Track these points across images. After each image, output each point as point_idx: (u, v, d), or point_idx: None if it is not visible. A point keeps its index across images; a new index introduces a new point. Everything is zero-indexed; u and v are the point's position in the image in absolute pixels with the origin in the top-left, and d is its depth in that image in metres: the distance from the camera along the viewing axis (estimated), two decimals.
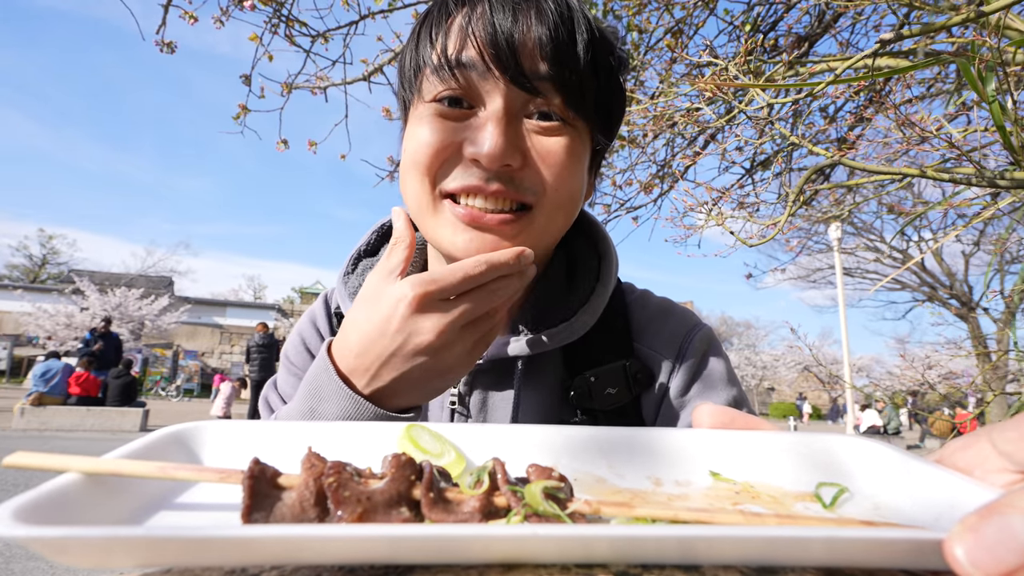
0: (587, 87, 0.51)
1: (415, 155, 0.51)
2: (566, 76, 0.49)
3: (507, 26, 0.48)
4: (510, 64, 0.48)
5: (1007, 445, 0.23)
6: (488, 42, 0.48)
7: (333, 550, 0.19)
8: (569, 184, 0.52)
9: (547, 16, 0.49)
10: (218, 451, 0.31)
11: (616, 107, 0.57)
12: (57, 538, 0.18)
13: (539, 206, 0.52)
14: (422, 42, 0.52)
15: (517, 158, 0.50)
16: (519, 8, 0.49)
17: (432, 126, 0.50)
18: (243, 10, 2.26)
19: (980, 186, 1.47)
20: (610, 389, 0.58)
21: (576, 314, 0.59)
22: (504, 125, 0.48)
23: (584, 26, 0.51)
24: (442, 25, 0.51)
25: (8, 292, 20.25)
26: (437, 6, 0.53)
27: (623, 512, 0.23)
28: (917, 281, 14.22)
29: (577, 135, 0.53)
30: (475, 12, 0.49)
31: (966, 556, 0.17)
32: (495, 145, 0.48)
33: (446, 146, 0.50)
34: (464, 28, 0.49)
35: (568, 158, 0.51)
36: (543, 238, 0.54)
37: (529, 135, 0.51)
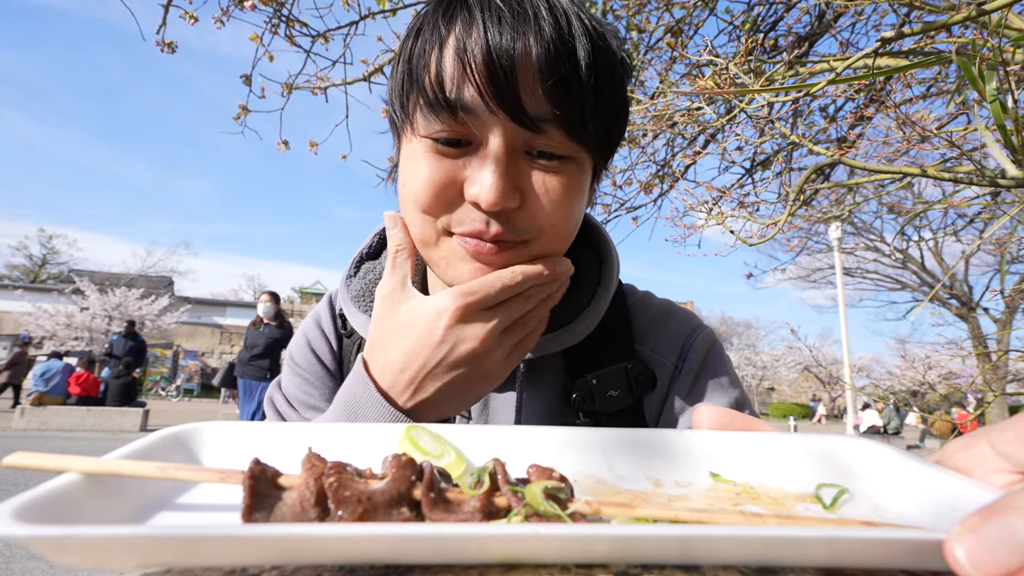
0: (589, 119, 0.49)
1: (415, 194, 0.50)
2: (567, 111, 0.47)
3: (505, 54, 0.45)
4: (510, 102, 0.45)
5: (1006, 446, 0.23)
6: (487, 78, 0.45)
7: (334, 549, 0.19)
8: (566, 219, 0.51)
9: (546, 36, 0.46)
10: (218, 452, 0.31)
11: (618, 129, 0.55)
12: (57, 537, 0.18)
13: (538, 240, 0.51)
14: (415, 65, 0.49)
15: (516, 199, 0.48)
16: (516, 32, 0.45)
17: (431, 164, 0.49)
18: (243, 10, 2.26)
19: (980, 185, 1.47)
20: (612, 391, 0.58)
21: (577, 318, 0.59)
22: (504, 167, 0.47)
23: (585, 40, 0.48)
24: (435, 48, 0.48)
25: (8, 292, 20.26)
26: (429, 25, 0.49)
27: (623, 512, 0.23)
28: (917, 281, 14.22)
29: (579, 167, 0.51)
30: (470, 35, 0.46)
31: (967, 557, 0.17)
32: (494, 191, 0.46)
33: (447, 186, 0.49)
34: (460, 56, 0.46)
35: (567, 196, 0.50)
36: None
37: (529, 171, 0.49)
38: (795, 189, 2.20)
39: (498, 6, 0.46)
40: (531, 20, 0.46)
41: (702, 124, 2.45)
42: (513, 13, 0.46)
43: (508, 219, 0.49)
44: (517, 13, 0.46)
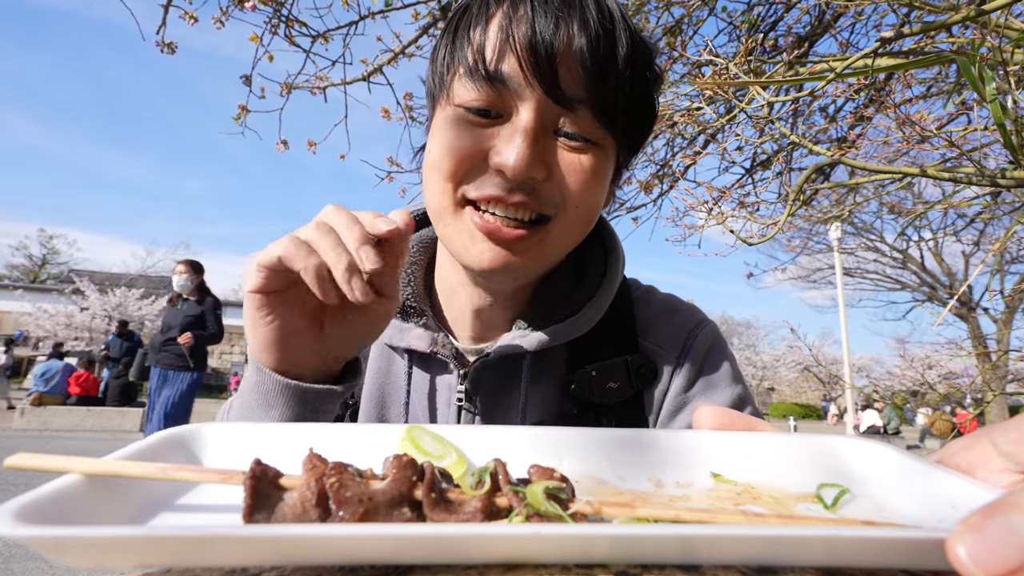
0: (620, 108, 0.50)
1: (439, 160, 0.51)
2: (601, 94, 0.48)
3: (548, 34, 0.46)
4: (547, 77, 0.47)
5: (1008, 446, 0.23)
6: (528, 51, 0.46)
7: (335, 549, 0.19)
8: (590, 201, 0.52)
9: (590, 26, 0.47)
10: (219, 453, 0.31)
11: (646, 126, 0.56)
12: (58, 537, 0.18)
13: (558, 220, 0.52)
14: (459, 39, 0.51)
15: (542, 171, 0.49)
16: (562, 15, 0.47)
17: (458, 131, 0.50)
18: (243, 10, 2.26)
19: (980, 185, 1.47)
20: (611, 383, 0.59)
21: (582, 310, 0.60)
22: (532, 138, 0.48)
23: (626, 39, 0.49)
24: (480, 22, 0.49)
25: (8, 292, 20.25)
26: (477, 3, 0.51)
27: (625, 513, 0.23)
28: (917, 281, 14.22)
29: (604, 153, 0.52)
30: (516, 13, 0.48)
31: (969, 555, 0.17)
32: (521, 158, 0.47)
33: (471, 154, 0.50)
34: (504, 30, 0.48)
35: (592, 176, 0.51)
36: (557, 250, 0.55)
37: (557, 149, 0.50)
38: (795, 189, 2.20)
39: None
40: (577, 8, 0.48)
41: (702, 124, 2.45)
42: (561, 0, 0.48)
43: (534, 189, 0.50)
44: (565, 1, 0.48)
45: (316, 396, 0.48)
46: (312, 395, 0.47)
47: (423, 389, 0.63)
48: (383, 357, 0.66)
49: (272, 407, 0.48)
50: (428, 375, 0.63)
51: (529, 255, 0.52)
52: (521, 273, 0.54)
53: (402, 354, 0.63)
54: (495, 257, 0.51)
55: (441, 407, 0.62)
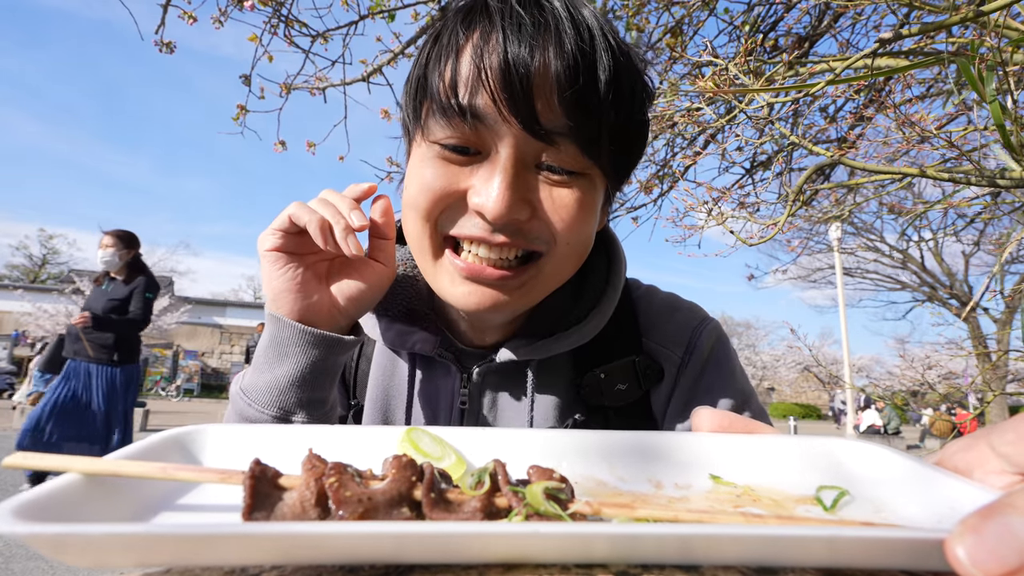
0: (605, 136, 0.47)
1: (416, 199, 0.50)
2: (582, 125, 0.45)
3: (522, 65, 0.43)
4: (524, 112, 0.44)
5: (1006, 447, 0.23)
6: (502, 85, 0.44)
7: (334, 548, 0.19)
8: (580, 234, 0.50)
9: (567, 51, 0.44)
10: (218, 454, 0.31)
11: (635, 151, 0.54)
12: (58, 535, 0.18)
13: (549, 256, 0.50)
14: (431, 70, 0.48)
15: (525, 211, 0.47)
16: (536, 42, 0.44)
17: (435, 170, 0.48)
18: (242, 10, 2.26)
19: (980, 185, 1.47)
20: (620, 385, 0.58)
21: (587, 317, 0.59)
22: (512, 178, 0.46)
23: (607, 61, 0.46)
24: (451, 54, 0.47)
25: (8, 292, 20.26)
26: (448, 30, 0.48)
27: (624, 513, 0.23)
28: (917, 281, 14.22)
29: (591, 183, 0.50)
30: (488, 43, 0.45)
31: (967, 556, 0.17)
32: (501, 201, 0.45)
33: (449, 193, 0.48)
34: (475, 62, 0.45)
35: (579, 210, 0.49)
36: (549, 286, 0.54)
37: (540, 185, 0.48)
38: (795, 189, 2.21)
39: (519, 15, 0.45)
40: (552, 32, 0.45)
41: (702, 124, 2.45)
42: (535, 23, 0.45)
43: (519, 229, 0.48)
44: (539, 23, 0.45)
45: (326, 342, 0.52)
46: (323, 341, 0.52)
47: (427, 392, 0.62)
48: (387, 360, 0.65)
49: (287, 356, 0.52)
50: (431, 378, 0.63)
51: (519, 292, 0.51)
52: (511, 310, 0.53)
53: (406, 357, 0.63)
54: (481, 298, 0.50)
55: (443, 410, 0.61)
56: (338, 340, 0.52)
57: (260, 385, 0.52)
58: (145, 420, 8.68)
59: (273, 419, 0.52)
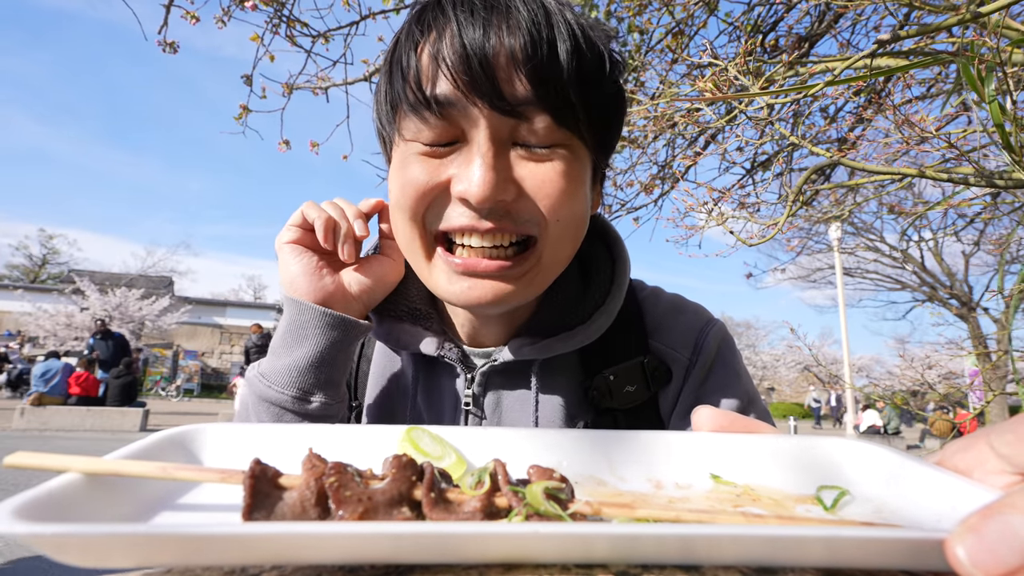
0: (575, 101, 0.47)
1: (400, 198, 0.50)
2: (550, 94, 0.45)
3: (478, 46, 0.44)
4: (487, 90, 0.44)
5: (1005, 447, 0.23)
6: (461, 68, 0.44)
7: (334, 548, 0.19)
8: (571, 210, 0.49)
9: (521, 26, 0.44)
10: (218, 453, 0.31)
11: (613, 114, 0.53)
12: (58, 535, 0.18)
13: (543, 237, 0.49)
14: (395, 76, 0.49)
15: (510, 191, 0.47)
16: (489, 23, 0.45)
17: (415, 166, 0.48)
18: (244, 10, 2.27)
19: (979, 186, 1.47)
20: (628, 387, 0.58)
21: (592, 317, 0.59)
22: (491, 159, 0.45)
23: (565, 31, 0.46)
24: (412, 55, 0.47)
25: (8, 292, 20.26)
26: (404, 34, 0.49)
27: (624, 513, 0.23)
28: (917, 281, 14.21)
29: (572, 155, 0.49)
30: (444, 35, 0.45)
31: (968, 556, 0.17)
32: (483, 182, 0.44)
33: (432, 187, 0.48)
34: (433, 54, 0.45)
35: (566, 184, 0.48)
36: (552, 271, 0.53)
37: (521, 163, 0.47)
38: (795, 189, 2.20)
39: (471, 1, 0.46)
40: (503, 12, 0.45)
41: (702, 125, 2.45)
42: (486, 7, 0.46)
43: (507, 212, 0.48)
44: (490, 7, 0.46)
45: (343, 324, 0.56)
46: (342, 322, 0.56)
47: (430, 393, 0.62)
48: (388, 361, 0.65)
49: (306, 338, 0.55)
50: (434, 379, 0.62)
51: (522, 282, 0.51)
52: (515, 301, 0.52)
53: (408, 358, 0.63)
54: (482, 292, 0.49)
55: (447, 411, 0.61)
56: (355, 323, 0.57)
57: (279, 368, 0.55)
58: (145, 420, 8.68)
59: (293, 399, 0.54)
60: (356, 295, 0.58)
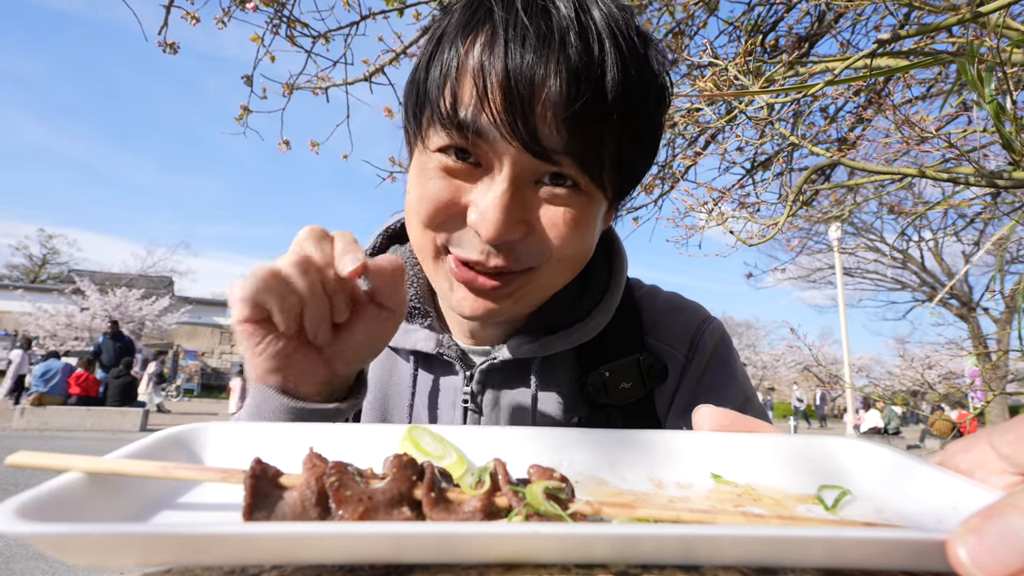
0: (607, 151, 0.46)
1: (418, 208, 0.49)
2: (583, 145, 0.44)
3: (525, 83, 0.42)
4: (524, 132, 0.43)
5: (1006, 448, 0.23)
6: (503, 105, 0.42)
7: (335, 548, 0.19)
8: (576, 248, 0.50)
9: (572, 63, 0.42)
10: (219, 452, 0.31)
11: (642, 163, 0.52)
12: (59, 535, 0.18)
13: (542, 269, 0.50)
14: (431, 79, 0.47)
15: (519, 231, 0.47)
16: (539, 54, 0.42)
17: (436, 180, 0.48)
18: (244, 11, 2.27)
19: (979, 186, 1.47)
20: (624, 384, 0.58)
21: (589, 315, 0.59)
22: (507, 200, 0.45)
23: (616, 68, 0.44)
24: (452, 65, 0.45)
25: (8, 292, 20.26)
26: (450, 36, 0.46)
27: (625, 513, 0.23)
28: (917, 281, 14.21)
29: (589, 199, 0.49)
30: (490, 56, 0.43)
31: (969, 557, 0.17)
32: (496, 222, 0.44)
33: (449, 205, 0.48)
34: (477, 79, 0.43)
35: (576, 226, 0.48)
36: (543, 294, 0.54)
37: (537, 202, 0.47)
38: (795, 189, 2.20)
39: (524, 25, 0.43)
40: (556, 44, 0.43)
41: (702, 125, 2.45)
42: (539, 35, 0.43)
43: (512, 249, 0.48)
44: (543, 35, 0.43)
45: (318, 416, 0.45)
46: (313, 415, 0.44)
47: (428, 391, 0.62)
48: (387, 358, 0.65)
49: None
50: (433, 376, 0.62)
51: (510, 302, 0.51)
52: (504, 316, 0.52)
53: (407, 356, 0.63)
54: (475, 305, 0.50)
55: (446, 409, 0.61)
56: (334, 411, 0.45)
57: None
58: (145, 420, 8.69)
59: None
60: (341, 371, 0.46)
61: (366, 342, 0.46)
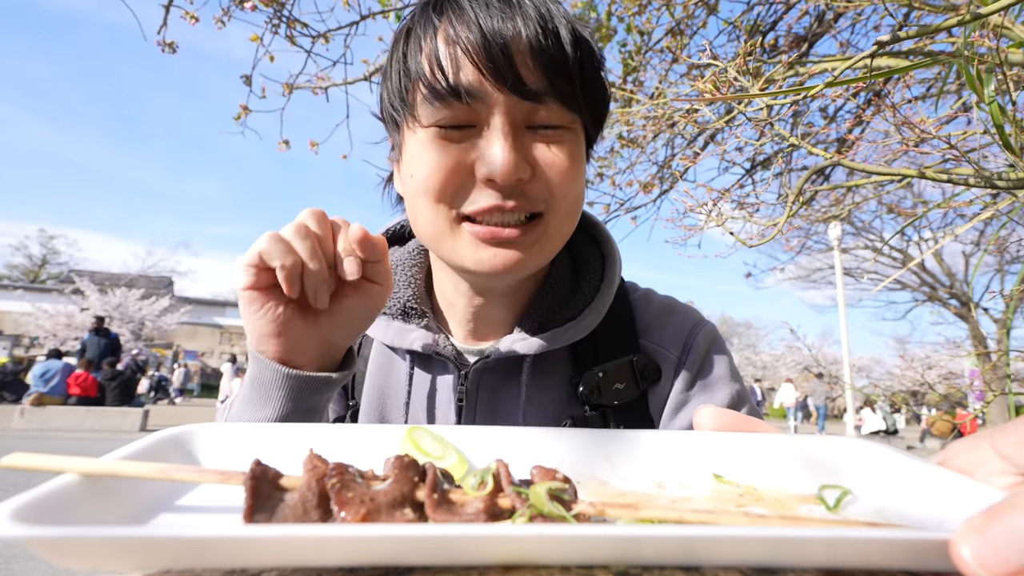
0: (579, 88, 0.51)
1: (427, 182, 0.51)
2: (561, 80, 0.50)
3: (498, 34, 0.48)
4: (509, 77, 0.48)
5: (1008, 448, 0.23)
6: (484, 56, 0.47)
7: (340, 551, 0.19)
8: (575, 190, 0.54)
9: (532, 20, 0.49)
10: (218, 453, 0.31)
11: (603, 100, 0.58)
12: (56, 538, 0.18)
13: (550, 212, 0.53)
14: (411, 60, 0.51)
15: (527, 170, 0.50)
16: (504, 12, 0.48)
17: (439, 151, 0.50)
18: (243, 10, 2.27)
19: (978, 187, 1.47)
20: (618, 384, 0.59)
21: (582, 313, 0.60)
22: (512, 140, 0.49)
23: (564, 22, 0.51)
24: (430, 39, 0.50)
25: (8, 292, 20.24)
26: (420, 23, 0.51)
27: (628, 514, 0.23)
28: (917, 281, 14.23)
29: (575, 137, 0.54)
30: (462, 24, 0.48)
31: (973, 556, 0.17)
32: (507, 161, 0.48)
33: (458, 169, 0.50)
34: (454, 41, 0.48)
35: (572, 165, 0.52)
36: (556, 242, 0.56)
37: (534, 144, 0.51)
38: (795, 190, 2.20)
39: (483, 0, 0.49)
40: (516, 6, 0.49)
41: (701, 125, 2.45)
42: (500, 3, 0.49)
43: (522, 192, 0.51)
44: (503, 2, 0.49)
45: (312, 384, 0.48)
46: (308, 383, 0.47)
47: (424, 389, 0.63)
48: (384, 358, 0.66)
49: (269, 400, 0.48)
50: (429, 375, 0.63)
51: (532, 250, 0.53)
52: (526, 269, 0.55)
53: (403, 355, 0.64)
54: (506, 259, 0.52)
55: (441, 407, 0.62)
56: (325, 380, 0.48)
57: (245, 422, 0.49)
58: (145, 420, 8.68)
59: None
60: (335, 341, 0.50)
61: (360, 312, 0.50)
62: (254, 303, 0.46)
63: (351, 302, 0.49)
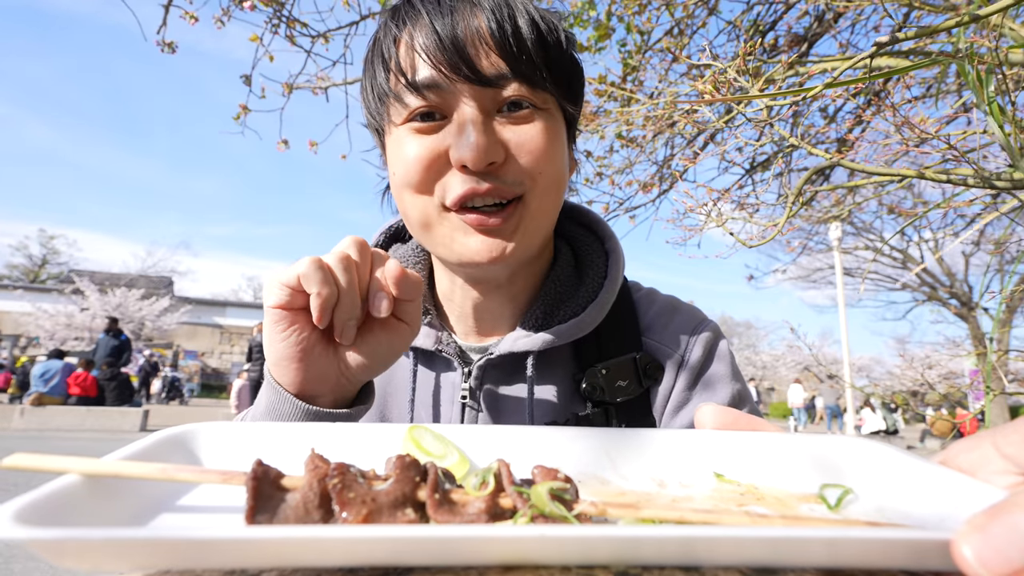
0: (542, 64, 0.53)
1: (406, 175, 0.53)
2: (519, 63, 0.51)
3: (448, 32, 0.50)
4: (463, 68, 0.49)
5: (1010, 448, 0.23)
6: (437, 53, 0.50)
7: (342, 552, 0.19)
8: (553, 167, 0.54)
9: (484, 10, 0.51)
10: (219, 453, 0.31)
11: (575, 75, 0.58)
12: (57, 540, 0.18)
13: (528, 193, 0.54)
14: (378, 71, 0.54)
15: (500, 153, 0.51)
16: (456, 10, 0.51)
17: (414, 143, 0.52)
18: (243, 10, 2.27)
19: (978, 187, 1.47)
20: (621, 382, 0.59)
21: (585, 310, 0.61)
22: (481, 125, 0.50)
23: (523, 10, 0.52)
24: (391, 49, 0.53)
25: (8, 292, 20.23)
26: (382, 33, 0.55)
27: (630, 514, 0.23)
28: (917, 281, 14.23)
29: (548, 114, 0.54)
30: (417, 28, 0.51)
31: (974, 556, 0.17)
32: (477, 145, 0.49)
33: (434, 158, 0.52)
34: (411, 46, 0.51)
35: (546, 141, 0.53)
36: (540, 221, 0.56)
37: (505, 127, 0.52)
38: (795, 190, 2.20)
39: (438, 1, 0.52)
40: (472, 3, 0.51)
41: (701, 125, 2.45)
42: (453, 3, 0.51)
43: (497, 175, 0.52)
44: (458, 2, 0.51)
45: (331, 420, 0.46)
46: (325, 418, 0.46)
47: (427, 387, 0.63)
48: None
49: None
50: (432, 373, 0.64)
51: (516, 235, 0.54)
52: (518, 256, 0.55)
53: (407, 353, 0.64)
54: (492, 247, 0.53)
55: (445, 405, 0.62)
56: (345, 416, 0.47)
57: None
58: (145, 420, 8.68)
59: None
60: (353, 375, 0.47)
61: (383, 351, 0.48)
62: (281, 322, 0.44)
63: (376, 338, 0.47)
